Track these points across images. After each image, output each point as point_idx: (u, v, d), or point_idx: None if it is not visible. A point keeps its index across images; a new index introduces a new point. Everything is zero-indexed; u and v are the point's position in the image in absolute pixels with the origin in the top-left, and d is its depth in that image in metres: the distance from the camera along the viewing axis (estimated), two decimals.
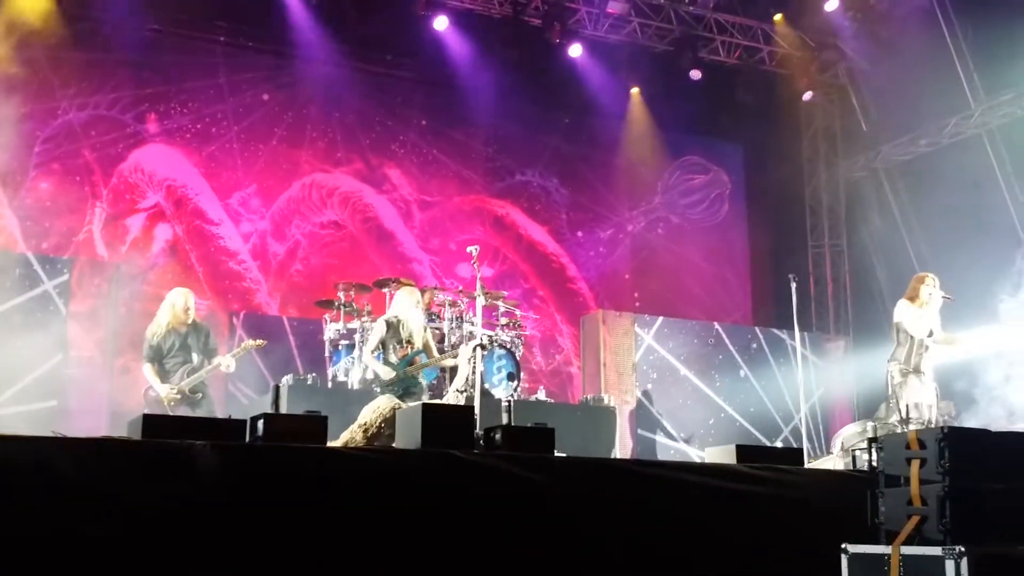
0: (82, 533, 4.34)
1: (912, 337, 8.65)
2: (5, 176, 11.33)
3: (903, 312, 8.76)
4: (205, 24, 12.76)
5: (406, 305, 8.56)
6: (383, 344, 8.44)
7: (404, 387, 8.28)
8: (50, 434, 4.78)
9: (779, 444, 12.55)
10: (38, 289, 10.30)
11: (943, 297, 8.75)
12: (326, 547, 4.81)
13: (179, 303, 8.59)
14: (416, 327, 8.52)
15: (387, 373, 8.28)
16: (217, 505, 4.66)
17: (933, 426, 7.98)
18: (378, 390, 8.28)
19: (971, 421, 10.20)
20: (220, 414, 8.24)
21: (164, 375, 8.44)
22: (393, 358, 8.39)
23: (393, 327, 8.46)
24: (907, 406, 8.56)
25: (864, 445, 7.40)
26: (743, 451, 6.52)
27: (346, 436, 6.43)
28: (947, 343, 8.85)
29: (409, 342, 8.46)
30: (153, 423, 5.11)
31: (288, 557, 4.73)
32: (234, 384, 11.12)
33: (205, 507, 4.62)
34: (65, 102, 11.92)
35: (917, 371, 8.62)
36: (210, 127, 12.90)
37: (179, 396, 8.31)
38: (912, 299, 8.78)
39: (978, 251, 12.00)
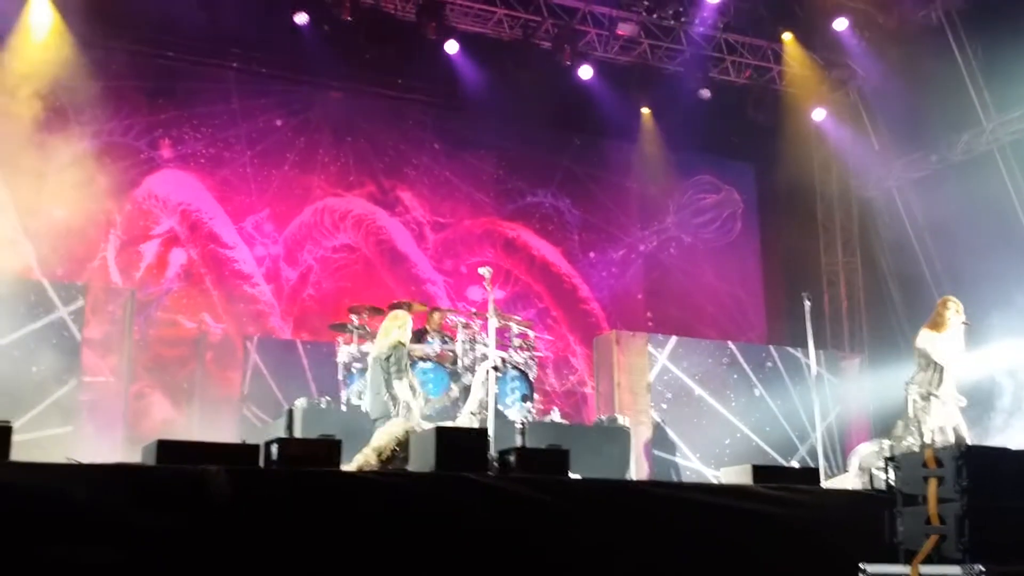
0: (97, 559, 4.33)
1: (935, 364, 8.56)
2: (20, 203, 11.40)
3: (928, 340, 8.63)
4: (218, 50, 12.85)
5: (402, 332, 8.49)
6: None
7: None
8: (65, 460, 4.80)
9: (795, 463, 12.47)
10: (53, 315, 10.35)
11: (963, 323, 8.66)
12: (341, 571, 4.80)
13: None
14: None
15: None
16: (231, 530, 4.65)
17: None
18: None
19: (989, 439, 10.12)
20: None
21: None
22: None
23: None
24: (932, 431, 8.47)
25: (881, 464, 7.36)
26: (759, 471, 6.49)
27: (360, 460, 6.42)
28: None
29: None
30: (168, 448, 5.11)
31: None
32: (248, 408, 11.15)
33: (219, 532, 4.62)
34: (79, 129, 11.99)
35: (934, 395, 8.54)
36: (223, 152, 12.97)
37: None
38: (936, 326, 8.66)
39: (992, 267, 11.95)
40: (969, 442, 8.49)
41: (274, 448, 5.29)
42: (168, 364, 11.99)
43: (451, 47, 13.07)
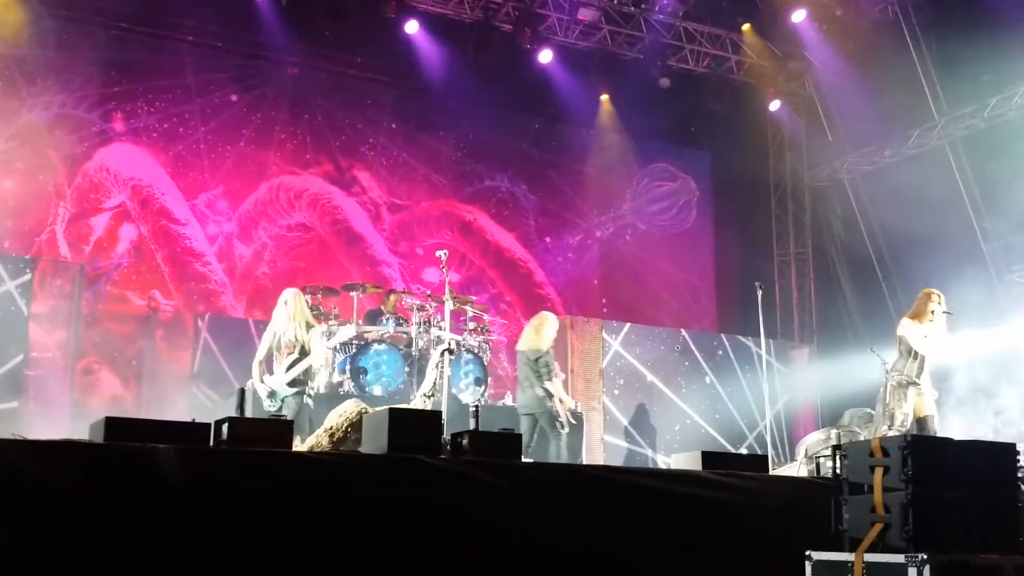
0: (42, 537, 4.27)
1: (915, 352, 8.69)
2: None
3: (908, 329, 8.77)
4: (173, 23, 12.65)
5: (276, 313, 8.33)
6: (270, 354, 8.24)
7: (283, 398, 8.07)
8: (10, 436, 4.72)
9: (744, 451, 12.62)
10: None
11: (943, 312, 8.84)
12: (290, 552, 4.78)
13: None
14: (282, 331, 8.19)
15: (261, 389, 8.11)
16: (180, 510, 4.60)
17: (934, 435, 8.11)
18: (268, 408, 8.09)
19: (944, 420, 10.29)
20: None
21: None
22: (276, 367, 8.17)
23: (276, 339, 8.24)
24: (902, 417, 8.59)
25: (828, 452, 7.46)
26: (709, 458, 6.54)
27: (312, 441, 6.39)
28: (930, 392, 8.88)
29: (288, 349, 8.16)
30: (116, 426, 5.04)
31: (252, 563, 4.69)
32: (198, 387, 11.03)
33: (168, 512, 4.57)
34: (30, 100, 11.77)
35: (914, 383, 8.67)
36: (177, 127, 12.79)
37: None
38: (917, 316, 8.81)
39: (941, 260, 12.14)
40: (936, 431, 8.67)
41: (225, 428, 5.24)
42: (117, 340, 11.83)
43: (411, 27, 12.98)
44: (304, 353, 8.07)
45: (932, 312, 8.75)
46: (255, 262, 13.01)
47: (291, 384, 8.01)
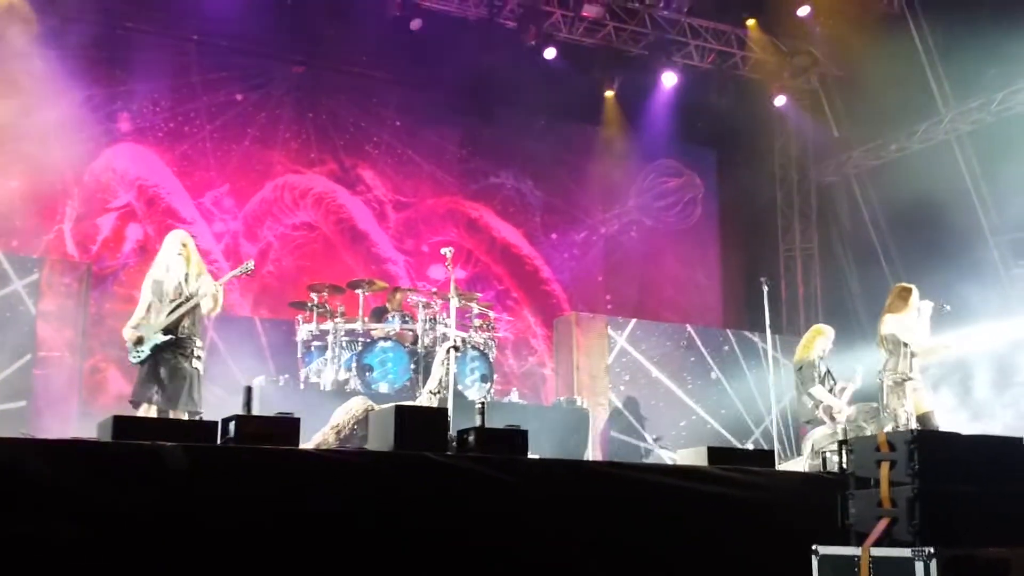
0: (50, 536, 4.29)
1: (905, 345, 8.67)
2: None
3: (893, 324, 8.73)
4: (178, 22, 12.67)
5: (164, 256, 7.62)
6: (149, 308, 7.58)
7: (153, 348, 7.45)
8: (19, 435, 4.74)
9: (750, 446, 12.61)
10: (7, 288, 10.22)
11: (943, 306, 8.86)
12: (298, 549, 4.79)
13: None
14: (171, 276, 7.58)
15: (129, 334, 7.49)
16: (188, 508, 4.62)
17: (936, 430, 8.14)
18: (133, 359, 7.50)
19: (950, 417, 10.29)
20: None
21: None
22: (153, 318, 7.56)
23: (157, 286, 7.60)
24: (906, 415, 8.57)
25: (834, 447, 7.47)
26: (714, 453, 6.55)
27: (318, 438, 6.42)
28: (934, 352, 8.90)
29: (173, 295, 7.55)
30: (123, 424, 5.07)
31: (259, 560, 4.71)
32: (205, 384, 11.04)
33: (175, 510, 4.59)
34: (35, 100, 11.77)
35: (909, 379, 8.65)
36: (183, 126, 12.81)
37: None
38: (897, 311, 8.80)
39: (947, 255, 12.13)
40: (939, 426, 8.66)
41: (231, 425, 5.26)
42: (124, 340, 11.82)
43: (415, 24, 12.97)
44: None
45: (912, 304, 8.75)
46: (261, 261, 12.99)
47: (167, 331, 7.40)
